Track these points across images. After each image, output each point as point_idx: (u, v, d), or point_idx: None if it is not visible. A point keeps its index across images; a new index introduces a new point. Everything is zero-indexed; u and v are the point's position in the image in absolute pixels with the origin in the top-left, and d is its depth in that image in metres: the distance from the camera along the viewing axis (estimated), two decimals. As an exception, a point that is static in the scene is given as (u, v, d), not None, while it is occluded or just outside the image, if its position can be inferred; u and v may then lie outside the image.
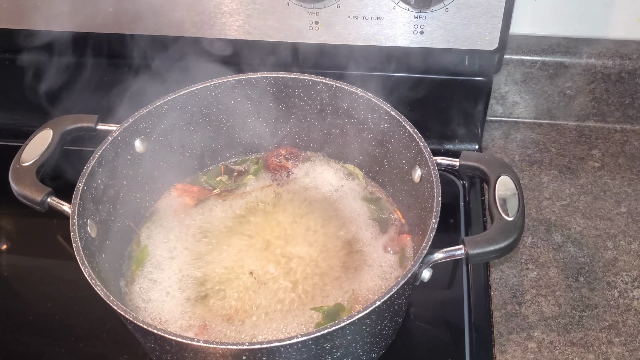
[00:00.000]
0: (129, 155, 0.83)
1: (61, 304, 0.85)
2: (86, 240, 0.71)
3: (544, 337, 0.80)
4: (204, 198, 0.89)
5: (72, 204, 0.71)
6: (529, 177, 1.01)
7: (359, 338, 0.67)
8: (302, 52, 0.95)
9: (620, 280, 0.86)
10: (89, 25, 0.96)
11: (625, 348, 0.79)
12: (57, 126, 0.81)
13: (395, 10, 0.88)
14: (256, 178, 0.92)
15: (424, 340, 0.82)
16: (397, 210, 0.88)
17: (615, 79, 1.05)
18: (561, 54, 1.04)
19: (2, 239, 0.97)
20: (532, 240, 0.92)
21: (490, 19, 0.88)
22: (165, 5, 0.92)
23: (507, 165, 0.75)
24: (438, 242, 0.67)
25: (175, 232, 0.85)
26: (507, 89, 1.08)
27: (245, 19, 0.92)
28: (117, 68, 1.00)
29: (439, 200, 0.70)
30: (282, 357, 0.62)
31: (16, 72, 1.05)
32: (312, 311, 0.75)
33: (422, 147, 0.77)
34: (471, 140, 1.06)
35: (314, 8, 0.89)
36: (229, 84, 0.86)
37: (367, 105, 0.84)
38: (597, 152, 1.05)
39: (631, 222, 0.94)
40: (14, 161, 0.77)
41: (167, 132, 0.86)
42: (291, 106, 0.90)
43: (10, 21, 0.98)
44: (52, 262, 0.92)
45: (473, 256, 0.67)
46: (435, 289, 0.86)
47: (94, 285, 0.64)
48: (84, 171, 0.75)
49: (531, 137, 1.08)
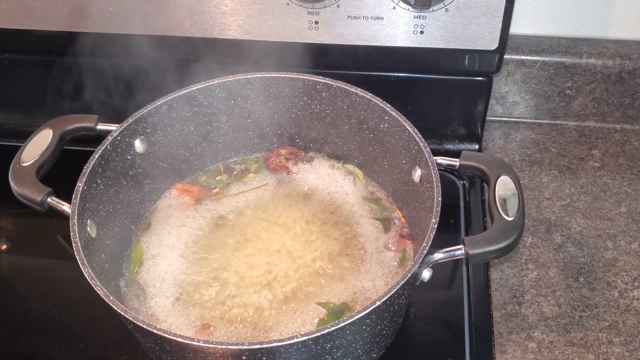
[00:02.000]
0: (129, 155, 0.83)
1: (61, 304, 0.85)
2: (86, 240, 0.71)
3: (544, 337, 0.80)
4: (203, 197, 0.89)
5: (72, 204, 0.71)
6: (529, 177, 1.01)
7: (359, 338, 0.67)
8: (302, 52, 0.95)
9: (620, 280, 0.86)
10: (89, 25, 0.96)
11: (625, 348, 0.79)
12: (57, 126, 0.82)
13: (395, 10, 0.88)
14: (257, 176, 0.92)
15: (424, 340, 0.82)
16: (397, 210, 0.88)
17: (615, 79, 1.05)
18: (561, 54, 1.04)
19: (2, 239, 0.97)
20: (532, 240, 0.92)
21: (490, 19, 0.88)
22: (165, 5, 0.92)
23: (507, 165, 0.75)
24: (438, 242, 0.67)
25: (175, 231, 0.85)
26: (507, 89, 1.09)
27: (245, 19, 0.92)
28: (117, 68, 1.00)
29: (439, 200, 0.70)
30: (282, 357, 0.62)
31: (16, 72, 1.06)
32: (313, 312, 0.75)
33: (422, 147, 0.77)
34: (471, 140, 1.06)
35: (314, 8, 0.89)
36: (229, 84, 0.86)
37: (367, 105, 0.84)
38: (597, 152, 1.05)
39: (631, 222, 0.94)
40: (14, 161, 0.77)
41: (167, 132, 0.86)
42: (291, 106, 0.90)
43: (10, 21, 0.97)
44: (52, 262, 0.92)
45: (473, 256, 0.67)
46: (435, 289, 0.86)
47: (94, 285, 0.64)
48: (84, 171, 0.75)
49: (531, 137, 1.08)
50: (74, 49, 0.98)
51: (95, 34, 0.97)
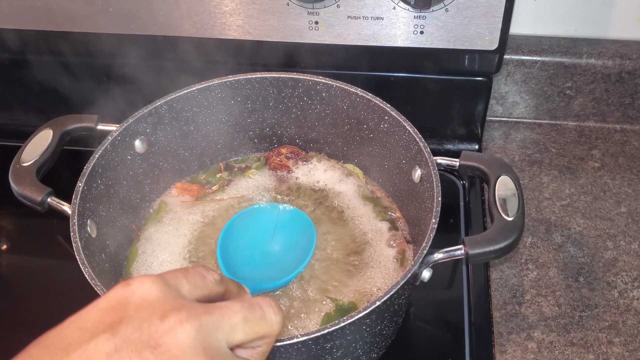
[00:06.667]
0: (129, 155, 0.83)
1: (61, 304, 0.85)
2: (86, 240, 0.71)
3: (544, 337, 0.80)
4: (203, 196, 0.89)
5: (72, 204, 0.71)
6: (529, 177, 1.01)
7: (359, 338, 0.67)
8: (302, 52, 0.95)
9: (620, 280, 0.86)
10: (89, 26, 0.96)
11: (625, 348, 0.79)
12: (57, 126, 0.82)
13: (395, 10, 0.88)
14: (258, 173, 0.92)
15: (424, 340, 0.82)
16: (397, 210, 0.88)
17: (615, 79, 1.05)
18: (561, 54, 1.04)
19: (2, 239, 0.97)
20: (532, 240, 0.92)
21: (490, 19, 0.88)
22: (165, 5, 0.92)
23: (507, 165, 0.75)
24: (438, 242, 0.67)
25: (175, 230, 0.85)
26: (507, 89, 1.09)
27: (245, 19, 0.92)
28: (116, 68, 1.00)
29: (439, 200, 0.70)
30: (282, 357, 0.62)
31: (17, 72, 1.06)
32: (313, 312, 0.75)
33: (422, 147, 0.77)
34: (471, 140, 1.06)
35: (314, 8, 0.89)
36: (229, 84, 0.86)
37: (367, 105, 0.84)
38: (597, 152, 1.05)
39: (631, 222, 0.94)
40: (14, 161, 0.77)
41: (167, 132, 0.86)
42: (291, 106, 0.90)
43: (10, 21, 0.98)
44: (52, 262, 0.92)
45: (473, 256, 0.67)
46: (435, 289, 0.86)
47: (94, 285, 0.64)
48: (84, 171, 0.75)
49: (531, 137, 1.08)
50: (74, 49, 0.98)
51: (96, 34, 0.97)
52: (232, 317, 0.43)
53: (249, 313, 0.44)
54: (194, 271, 0.46)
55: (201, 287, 0.46)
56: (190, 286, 0.45)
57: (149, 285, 0.42)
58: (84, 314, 0.42)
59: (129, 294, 0.42)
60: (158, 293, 0.42)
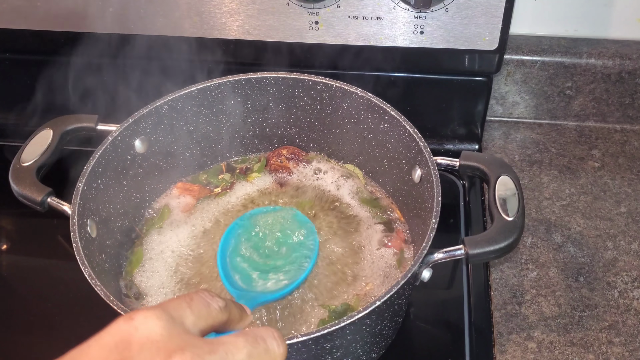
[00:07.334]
0: (129, 155, 0.83)
1: (61, 304, 0.85)
2: (86, 240, 0.71)
3: (544, 337, 0.80)
4: (204, 197, 0.89)
5: (72, 204, 0.71)
6: (529, 177, 1.01)
7: (359, 338, 0.67)
8: (302, 52, 0.95)
9: (620, 280, 0.86)
10: (89, 26, 0.96)
11: (625, 348, 0.79)
12: (57, 126, 0.82)
13: (395, 10, 0.88)
14: (261, 176, 0.92)
15: (424, 340, 0.82)
16: (397, 210, 0.88)
17: (615, 79, 1.05)
18: (561, 54, 1.04)
19: (2, 239, 0.97)
20: (532, 240, 0.92)
21: (490, 19, 0.88)
22: (165, 5, 0.92)
23: (507, 165, 0.75)
24: (438, 242, 0.67)
25: (175, 230, 0.85)
26: (507, 89, 1.09)
27: (245, 19, 0.92)
28: (116, 68, 1.00)
29: (439, 200, 0.70)
30: (282, 357, 0.62)
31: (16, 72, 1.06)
32: (314, 313, 0.75)
33: (422, 147, 0.77)
34: (471, 140, 1.06)
35: (314, 8, 0.89)
36: (229, 84, 0.86)
37: (367, 105, 0.84)
38: (597, 152, 1.05)
39: (631, 222, 0.94)
40: (14, 161, 0.77)
41: (167, 132, 0.86)
42: (291, 106, 0.90)
43: (10, 21, 0.98)
44: (52, 262, 0.92)
45: (473, 256, 0.67)
46: (435, 289, 0.86)
47: (94, 285, 0.64)
48: (84, 171, 0.75)
49: (531, 137, 1.08)
50: (74, 49, 0.98)
51: (96, 34, 0.97)
52: (236, 354, 0.42)
53: (252, 348, 0.44)
54: (198, 299, 0.45)
55: (205, 317, 0.45)
56: (194, 317, 0.44)
57: (153, 322, 0.41)
58: (85, 350, 0.41)
59: (132, 330, 0.41)
60: (162, 330, 0.41)
